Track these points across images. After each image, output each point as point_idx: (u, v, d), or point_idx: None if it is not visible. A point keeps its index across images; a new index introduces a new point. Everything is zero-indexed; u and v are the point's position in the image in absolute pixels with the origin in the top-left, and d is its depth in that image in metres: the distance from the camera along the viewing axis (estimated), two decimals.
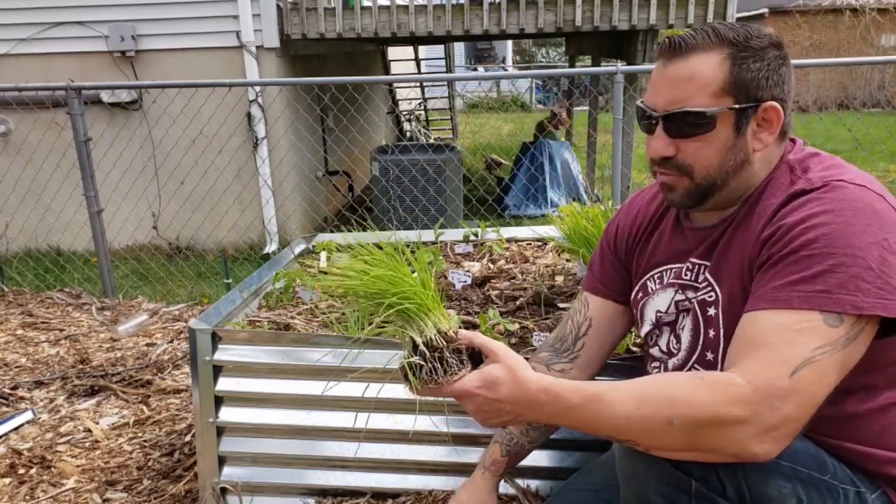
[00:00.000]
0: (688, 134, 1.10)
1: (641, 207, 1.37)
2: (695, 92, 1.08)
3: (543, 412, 0.99)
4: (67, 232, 5.42)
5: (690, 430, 0.93)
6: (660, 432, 0.95)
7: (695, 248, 1.22)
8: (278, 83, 5.51)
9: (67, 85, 3.75)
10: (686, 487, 1.01)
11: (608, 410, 0.96)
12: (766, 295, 1.00)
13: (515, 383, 0.99)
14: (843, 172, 1.07)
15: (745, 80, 1.08)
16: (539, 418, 1.02)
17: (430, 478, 1.68)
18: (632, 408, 0.95)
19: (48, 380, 2.64)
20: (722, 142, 1.09)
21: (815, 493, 1.02)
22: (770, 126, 1.11)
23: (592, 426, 0.99)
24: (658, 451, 0.99)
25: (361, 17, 5.80)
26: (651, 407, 0.94)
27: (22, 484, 1.99)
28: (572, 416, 0.98)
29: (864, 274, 0.96)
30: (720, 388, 0.93)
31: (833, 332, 0.96)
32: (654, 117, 1.12)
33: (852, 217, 0.99)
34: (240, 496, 1.73)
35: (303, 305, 2.04)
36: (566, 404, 0.98)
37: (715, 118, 1.08)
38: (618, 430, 0.97)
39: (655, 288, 1.29)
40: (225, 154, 5.31)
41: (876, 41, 15.77)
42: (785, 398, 0.93)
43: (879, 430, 1.09)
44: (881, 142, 8.01)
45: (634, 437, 0.98)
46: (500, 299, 2.04)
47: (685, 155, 1.11)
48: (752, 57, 1.08)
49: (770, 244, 1.04)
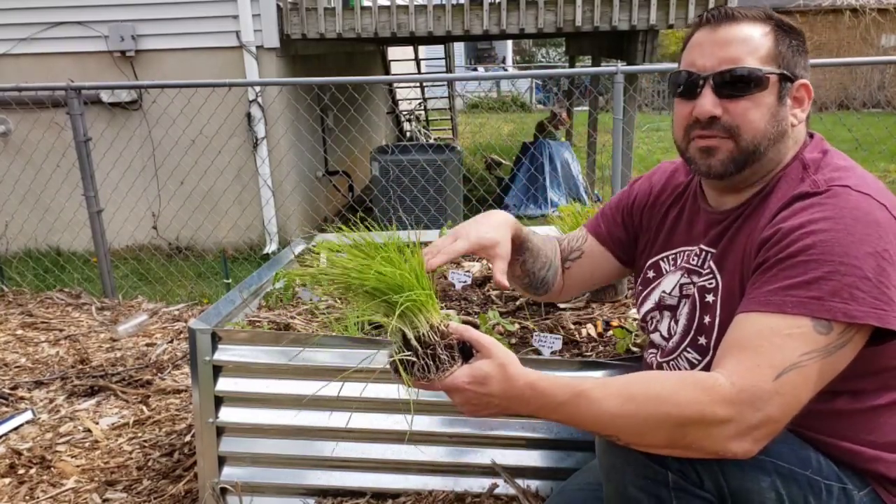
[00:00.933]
0: (740, 92, 1.11)
1: (664, 176, 1.40)
2: (747, 53, 1.11)
3: (530, 406, 1.01)
4: (67, 232, 5.42)
5: (673, 428, 0.95)
6: (643, 429, 0.97)
7: (704, 234, 1.23)
8: (278, 83, 5.50)
9: (67, 85, 3.75)
10: (663, 479, 1.02)
11: (594, 407, 0.98)
12: (759, 298, 1.02)
13: (505, 379, 1.00)
14: (849, 177, 1.07)
15: (786, 54, 1.12)
16: (526, 412, 1.03)
17: (430, 478, 1.68)
18: (617, 405, 0.97)
19: (48, 380, 2.64)
20: (768, 107, 1.12)
21: (795, 487, 1.04)
22: (801, 104, 1.15)
23: (577, 421, 1.01)
24: (639, 446, 1.01)
25: (361, 17, 5.80)
26: (636, 405, 0.96)
27: (22, 484, 1.99)
28: (558, 412, 1.00)
29: (860, 283, 0.96)
30: (705, 389, 0.95)
31: (821, 338, 0.97)
32: (702, 77, 1.13)
33: (852, 226, 0.99)
34: (240, 496, 1.73)
35: (303, 305, 2.03)
36: (552, 400, 0.99)
37: (767, 79, 1.10)
38: (602, 425, 0.99)
39: (669, 269, 1.31)
40: (225, 154, 5.31)
41: (876, 41, 15.76)
42: (767, 400, 0.95)
43: (868, 429, 1.10)
44: (881, 142, 8.01)
45: (616, 433, 1.00)
46: (500, 299, 2.04)
47: (733, 115, 1.12)
48: (789, 35, 1.14)
49: (768, 247, 1.05)
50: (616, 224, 1.44)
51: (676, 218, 1.33)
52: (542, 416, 1.03)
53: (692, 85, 1.14)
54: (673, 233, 1.33)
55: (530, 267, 1.42)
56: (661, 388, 0.97)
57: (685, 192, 1.33)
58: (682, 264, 1.27)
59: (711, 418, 0.94)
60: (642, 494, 1.03)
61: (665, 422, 0.95)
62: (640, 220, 1.40)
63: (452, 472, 1.66)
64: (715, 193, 1.24)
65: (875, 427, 1.10)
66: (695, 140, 1.15)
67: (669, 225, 1.34)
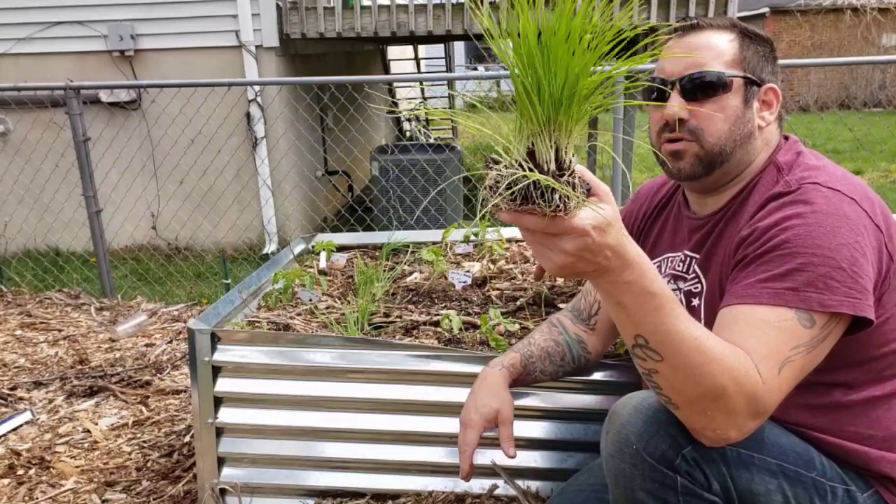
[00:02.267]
0: (704, 95, 1.17)
1: (648, 195, 1.44)
2: (711, 58, 1.18)
3: (623, 276, 0.90)
4: (66, 232, 5.42)
5: (709, 390, 0.92)
6: (688, 371, 0.93)
7: (688, 239, 1.28)
8: (278, 83, 5.50)
9: (66, 84, 3.74)
10: (672, 484, 1.02)
11: (671, 321, 0.92)
12: (737, 291, 1.05)
13: (622, 234, 0.89)
14: (819, 174, 1.12)
15: (751, 59, 1.19)
16: (612, 281, 0.91)
17: (430, 478, 1.68)
18: (689, 335, 0.92)
19: (47, 380, 2.63)
20: (732, 109, 1.17)
21: (801, 489, 1.05)
22: (770, 107, 1.21)
23: (647, 320, 0.92)
24: (668, 390, 0.96)
25: (361, 17, 5.79)
26: (700, 347, 0.92)
27: (21, 485, 1.99)
28: (641, 299, 0.91)
29: (834, 273, 1.00)
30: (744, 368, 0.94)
31: (806, 332, 0.99)
32: (669, 82, 1.20)
33: (823, 219, 1.04)
34: (239, 497, 1.72)
35: (302, 306, 2.03)
36: (648, 285, 0.91)
37: (730, 83, 1.17)
38: (664, 341, 0.93)
39: None
40: (224, 154, 5.30)
41: (877, 41, 15.76)
42: (773, 395, 0.96)
43: (867, 424, 1.11)
44: (882, 141, 8.00)
45: (668, 357, 0.93)
46: (500, 299, 2.03)
47: (699, 118, 1.18)
48: (754, 42, 1.21)
49: (745, 245, 1.10)
50: None
51: (661, 228, 1.38)
52: (621, 292, 0.92)
53: (661, 90, 1.21)
54: (658, 241, 1.38)
55: (553, 369, 1.49)
56: (723, 351, 0.93)
57: (669, 202, 1.39)
58: (668, 271, 1.31)
59: (735, 401, 0.93)
60: (650, 498, 1.03)
61: (707, 380, 0.92)
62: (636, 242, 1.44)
63: (452, 473, 1.65)
64: (695, 197, 1.29)
65: (874, 421, 1.11)
66: (665, 143, 1.22)
67: (655, 235, 1.39)
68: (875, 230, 1.06)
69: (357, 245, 2.56)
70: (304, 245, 2.51)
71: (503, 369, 1.43)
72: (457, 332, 1.81)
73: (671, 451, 1.01)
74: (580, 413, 1.62)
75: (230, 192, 5.57)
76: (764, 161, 1.21)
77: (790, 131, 1.31)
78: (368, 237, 2.64)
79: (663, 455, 1.01)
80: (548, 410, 1.62)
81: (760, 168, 1.20)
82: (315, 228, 6.02)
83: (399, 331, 1.87)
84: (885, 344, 1.10)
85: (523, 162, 0.82)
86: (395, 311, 1.96)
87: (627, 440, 1.03)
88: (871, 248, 1.04)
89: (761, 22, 15.98)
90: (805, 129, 10.39)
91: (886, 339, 1.10)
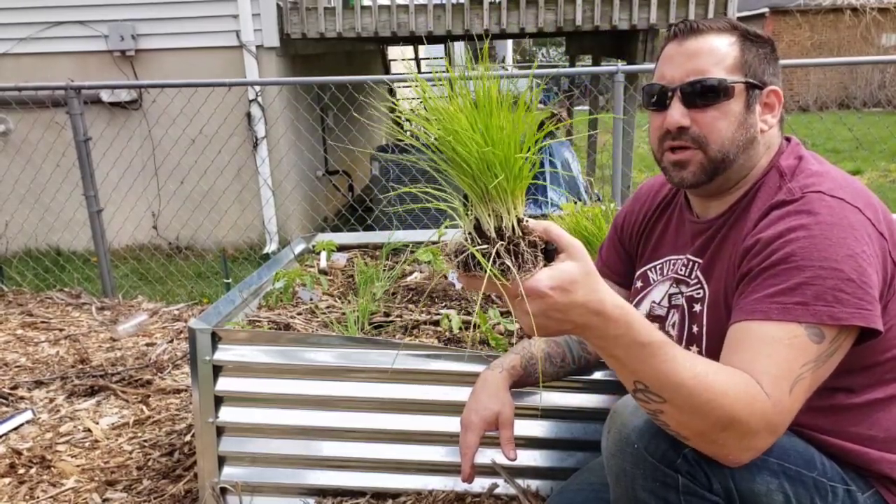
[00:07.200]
0: (706, 103, 1.14)
1: (649, 194, 1.42)
2: (713, 64, 1.15)
3: (607, 331, 0.88)
4: (67, 232, 5.42)
5: (718, 420, 0.92)
6: (694, 408, 0.91)
7: (691, 243, 1.26)
8: (278, 83, 5.50)
9: (67, 84, 3.74)
10: (673, 483, 1.01)
11: (669, 365, 0.90)
12: (745, 307, 1.03)
13: (592, 290, 0.86)
14: (822, 182, 1.10)
15: (753, 63, 1.16)
16: (598, 336, 0.90)
17: (430, 478, 1.68)
18: (690, 375, 0.90)
19: (48, 379, 2.63)
20: (735, 115, 1.15)
21: (802, 489, 1.04)
22: (772, 110, 1.19)
23: (643, 368, 0.91)
24: (674, 426, 0.96)
25: (361, 17, 5.80)
26: (702, 384, 0.90)
27: (22, 484, 1.99)
28: (632, 350, 0.90)
29: (843, 285, 0.98)
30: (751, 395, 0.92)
31: (816, 347, 0.98)
32: (670, 89, 1.17)
33: (828, 231, 1.02)
34: (240, 496, 1.73)
35: (303, 305, 2.03)
36: (636, 337, 0.89)
37: (732, 89, 1.14)
38: (664, 386, 0.91)
39: (656, 279, 1.33)
40: (225, 154, 5.30)
41: (876, 40, 15.75)
42: (785, 416, 0.95)
43: (868, 425, 1.11)
44: (882, 141, 8.00)
45: (671, 399, 0.92)
46: (500, 299, 2.04)
47: (700, 125, 1.15)
48: (756, 44, 1.18)
49: (749, 257, 1.08)
50: (611, 255, 1.49)
51: (663, 229, 1.36)
52: (608, 347, 0.91)
53: (662, 97, 1.18)
54: (660, 243, 1.36)
55: (554, 370, 1.50)
56: (727, 382, 0.92)
57: (671, 203, 1.37)
58: (670, 274, 1.29)
59: (747, 428, 0.92)
60: (652, 498, 1.03)
61: (715, 413, 0.91)
62: (630, 239, 1.44)
63: (452, 472, 1.66)
64: (698, 201, 1.27)
65: (875, 422, 1.11)
66: (667, 152, 1.19)
67: (657, 236, 1.37)
68: (879, 238, 1.05)
69: (357, 245, 2.56)
70: (305, 245, 2.51)
71: (503, 372, 1.43)
72: (457, 332, 1.81)
73: (672, 451, 1.01)
74: (580, 412, 1.62)
75: (231, 192, 5.57)
76: (766, 165, 1.19)
77: (790, 131, 1.30)
78: (369, 237, 2.65)
79: (664, 454, 1.01)
80: (548, 409, 1.62)
81: (763, 172, 1.19)
82: (315, 228, 6.02)
83: (399, 330, 1.87)
84: (888, 350, 1.10)
85: (469, 233, 0.89)
86: (396, 311, 1.97)
87: (629, 439, 1.03)
88: (876, 256, 1.03)
89: (761, 22, 15.98)
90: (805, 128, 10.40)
91: (889, 345, 1.09)
